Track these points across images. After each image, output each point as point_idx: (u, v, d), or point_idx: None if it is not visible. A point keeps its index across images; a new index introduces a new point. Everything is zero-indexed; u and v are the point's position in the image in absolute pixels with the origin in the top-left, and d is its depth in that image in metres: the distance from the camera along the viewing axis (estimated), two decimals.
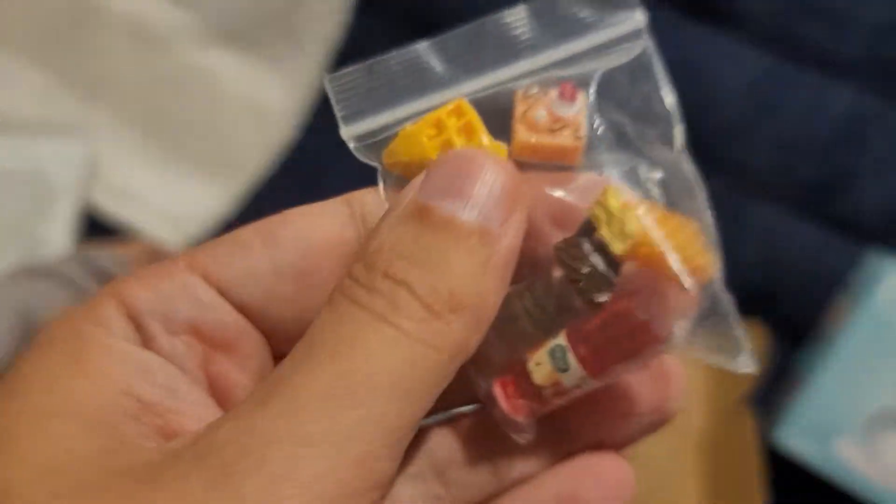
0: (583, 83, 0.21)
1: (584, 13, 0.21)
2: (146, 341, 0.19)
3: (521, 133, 0.20)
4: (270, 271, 0.20)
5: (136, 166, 0.77)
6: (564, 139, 0.20)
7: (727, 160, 0.74)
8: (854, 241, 0.72)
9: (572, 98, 0.20)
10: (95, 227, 0.74)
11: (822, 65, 0.74)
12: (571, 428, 0.22)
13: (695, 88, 0.74)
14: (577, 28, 0.21)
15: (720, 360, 0.20)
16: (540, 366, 0.20)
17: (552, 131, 0.20)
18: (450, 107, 0.20)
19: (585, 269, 0.19)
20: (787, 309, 0.72)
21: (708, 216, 0.21)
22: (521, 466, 0.22)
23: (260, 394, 0.18)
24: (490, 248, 0.18)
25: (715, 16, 0.75)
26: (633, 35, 0.21)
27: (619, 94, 0.22)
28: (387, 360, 0.18)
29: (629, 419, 0.22)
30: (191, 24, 0.78)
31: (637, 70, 0.21)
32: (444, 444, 0.22)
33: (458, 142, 0.20)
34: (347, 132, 0.21)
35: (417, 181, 0.19)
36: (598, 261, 0.19)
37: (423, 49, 0.21)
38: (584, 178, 0.21)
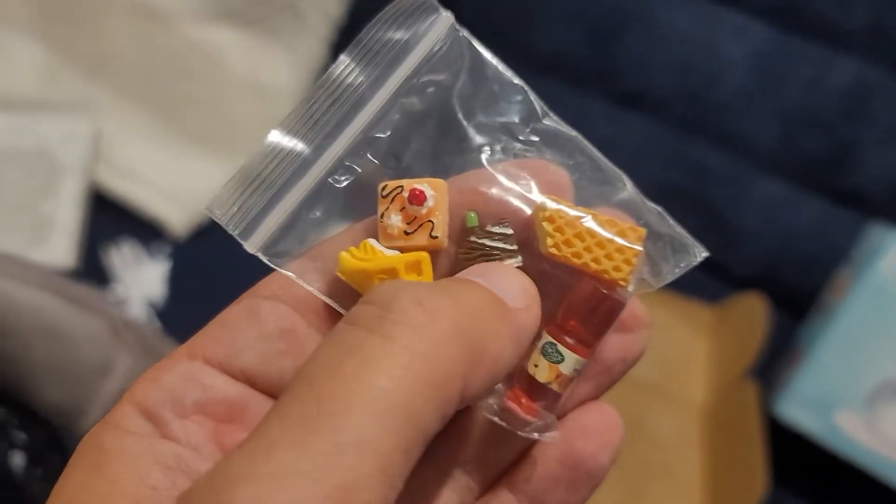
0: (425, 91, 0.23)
1: (399, 34, 0.23)
2: (161, 429, 0.21)
3: (383, 241, 0.22)
4: (259, 338, 0.22)
5: (139, 143, 0.77)
6: (418, 241, 0.22)
7: (731, 133, 0.74)
8: (857, 214, 0.71)
9: (421, 202, 0.22)
10: (99, 204, 0.74)
11: (826, 36, 0.73)
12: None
13: (699, 61, 0.74)
14: (399, 53, 0.23)
15: (681, 262, 0.23)
16: (538, 367, 0.22)
17: (407, 235, 0.22)
18: (411, 259, 0.22)
19: (496, 252, 0.22)
20: (789, 281, 0.72)
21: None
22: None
23: (244, 439, 0.17)
24: (509, 313, 0.20)
25: None
26: (449, 34, 0.23)
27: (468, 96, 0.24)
28: (371, 377, 0.16)
29: (605, 375, 0.24)
30: (193, 1, 0.78)
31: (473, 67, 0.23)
32: (458, 437, 0.23)
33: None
34: (251, 246, 0.23)
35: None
36: (499, 244, 0.22)
37: (277, 137, 0.23)
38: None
